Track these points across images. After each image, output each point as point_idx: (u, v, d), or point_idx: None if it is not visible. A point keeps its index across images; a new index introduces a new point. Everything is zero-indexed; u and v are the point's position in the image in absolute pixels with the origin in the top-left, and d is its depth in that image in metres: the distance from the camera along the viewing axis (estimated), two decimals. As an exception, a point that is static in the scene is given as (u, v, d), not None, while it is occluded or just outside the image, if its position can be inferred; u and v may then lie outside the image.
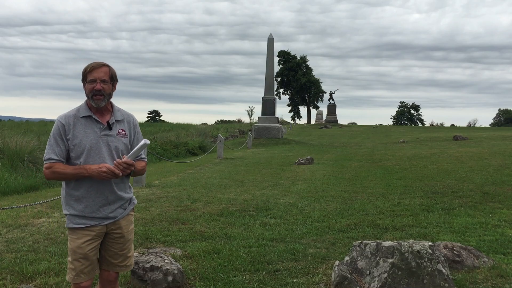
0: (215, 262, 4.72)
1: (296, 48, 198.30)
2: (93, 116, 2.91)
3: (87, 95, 2.90)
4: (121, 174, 2.83)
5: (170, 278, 4.03)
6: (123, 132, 3.00)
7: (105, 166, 2.78)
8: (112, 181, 2.92)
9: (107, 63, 2.93)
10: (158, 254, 4.46)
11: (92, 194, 2.89)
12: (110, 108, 3.01)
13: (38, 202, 7.21)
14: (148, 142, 2.90)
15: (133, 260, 3.22)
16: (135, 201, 3.21)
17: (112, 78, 2.93)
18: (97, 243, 2.98)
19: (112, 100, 3.00)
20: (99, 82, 2.85)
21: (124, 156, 2.88)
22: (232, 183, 10.50)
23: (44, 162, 2.89)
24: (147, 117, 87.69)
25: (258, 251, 5.10)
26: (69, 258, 2.95)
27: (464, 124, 78.48)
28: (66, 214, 2.97)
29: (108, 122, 2.94)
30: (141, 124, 44.62)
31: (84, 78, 2.89)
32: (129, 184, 3.14)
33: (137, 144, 3.03)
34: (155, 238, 5.61)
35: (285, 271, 4.48)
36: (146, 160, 3.20)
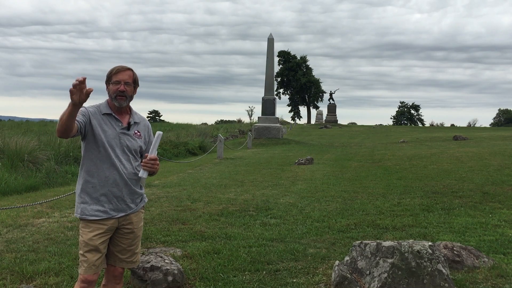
0: (215, 262, 4.72)
1: (297, 48, 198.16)
2: (113, 114, 3.09)
3: (110, 96, 3.07)
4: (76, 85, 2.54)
5: (170, 278, 4.03)
6: (138, 134, 3.19)
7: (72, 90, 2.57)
8: (125, 175, 3.07)
9: (132, 68, 3.11)
10: (158, 254, 4.46)
11: (107, 185, 3.02)
12: (129, 110, 3.19)
13: (38, 202, 7.21)
14: (161, 132, 3.05)
15: (139, 257, 3.33)
16: (146, 199, 3.35)
17: (135, 82, 3.12)
18: (107, 238, 3.09)
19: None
20: (123, 84, 3.03)
21: (147, 154, 3.04)
22: (232, 183, 10.50)
23: None
24: (147, 117, 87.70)
25: (258, 251, 5.10)
26: (81, 251, 3.04)
27: (464, 124, 78.49)
28: (80, 203, 3.06)
29: (129, 122, 3.14)
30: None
31: (109, 80, 3.06)
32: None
33: (149, 146, 3.23)
34: (155, 238, 5.62)
35: (285, 271, 4.48)
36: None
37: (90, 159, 3.05)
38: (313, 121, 71.48)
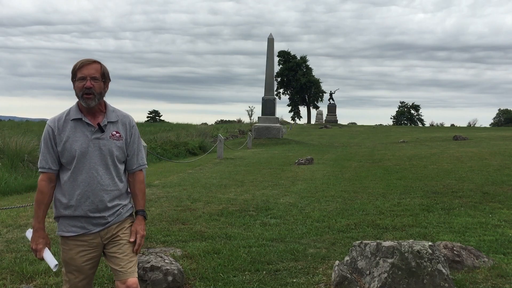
0: (215, 262, 4.72)
1: (300, 48, 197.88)
2: (83, 119, 2.70)
3: (77, 95, 2.67)
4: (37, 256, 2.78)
5: (170, 278, 4.03)
6: (117, 135, 2.76)
7: (38, 253, 2.74)
8: (102, 188, 2.73)
9: (99, 60, 2.72)
10: (158, 254, 4.46)
11: (81, 202, 2.71)
12: (104, 108, 2.78)
13: (38, 202, 7.20)
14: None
15: (136, 268, 2.84)
16: (134, 209, 2.93)
17: (104, 76, 2.70)
18: (93, 256, 2.79)
19: (113, 99, 2.87)
20: (89, 80, 2.63)
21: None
22: (232, 183, 10.50)
23: (38, 170, 2.83)
24: (147, 117, 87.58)
25: (258, 251, 5.10)
26: (63, 270, 2.82)
27: (464, 124, 78.48)
28: (56, 219, 2.81)
29: (99, 124, 2.71)
30: (141, 124, 44.81)
31: (74, 76, 2.67)
32: (127, 191, 2.91)
33: (133, 148, 2.85)
34: (155, 238, 5.61)
35: (285, 271, 4.48)
36: (143, 168, 2.92)
37: (63, 175, 2.74)
38: (313, 121, 71.50)
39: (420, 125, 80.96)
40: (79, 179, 2.70)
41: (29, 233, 2.81)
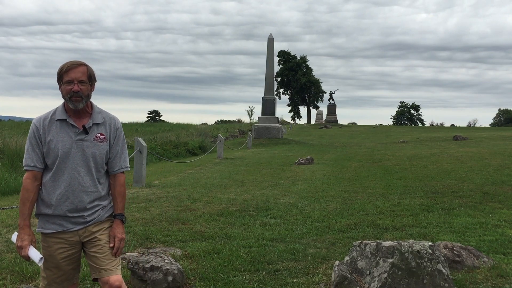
0: (215, 262, 4.72)
1: (301, 48, 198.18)
2: (68, 120, 2.73)
3: (64, 97, 2.70)
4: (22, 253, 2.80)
5: (170, 278, 4.03)
6: (101, 137, 2.78)
7: (23, 250, 2.76)
8: (83, 189, 2.76)
9: (85, 62, 2.74)
10: (158, 254, 4.46)
11: (61, 202, 2.75)
12: (90, 109, 2.80)
13: (38, 202, 7.20)
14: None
15: (119, 266, 2.89)
16: (113, 210, 2.94)
17: (91, 78, 2.73)
18: (72, 253, 2.82)
19: (114, 99, 2.90)
20: (76, 83, 2.65)
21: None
22: (232, 183, 10.50)
23: (24, 168, 2.80)
24: (147, 117, 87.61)
25: (258, 251, 5.10)
26: (41, 266, 2.85)
27: (464, 124, 78.52)
28: (37, 216, 2.86)
29: (84, 126, 2.74)
30: (141, 124, 44.67)
31: (60, 79, 2.70)
32: (108, 193, 2.92)
33: (116, 149, 2.86)
34: (155, 238, 5.61)
35: (285, 271, 4.48)
36: (124, 170, 2.93)
37: (45, 174, 2.77)
38: (313, 121, 71.55)
39: (420, 125, 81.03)
40: (60, 179, 2.74)
41: (14, 237, 2.81)
